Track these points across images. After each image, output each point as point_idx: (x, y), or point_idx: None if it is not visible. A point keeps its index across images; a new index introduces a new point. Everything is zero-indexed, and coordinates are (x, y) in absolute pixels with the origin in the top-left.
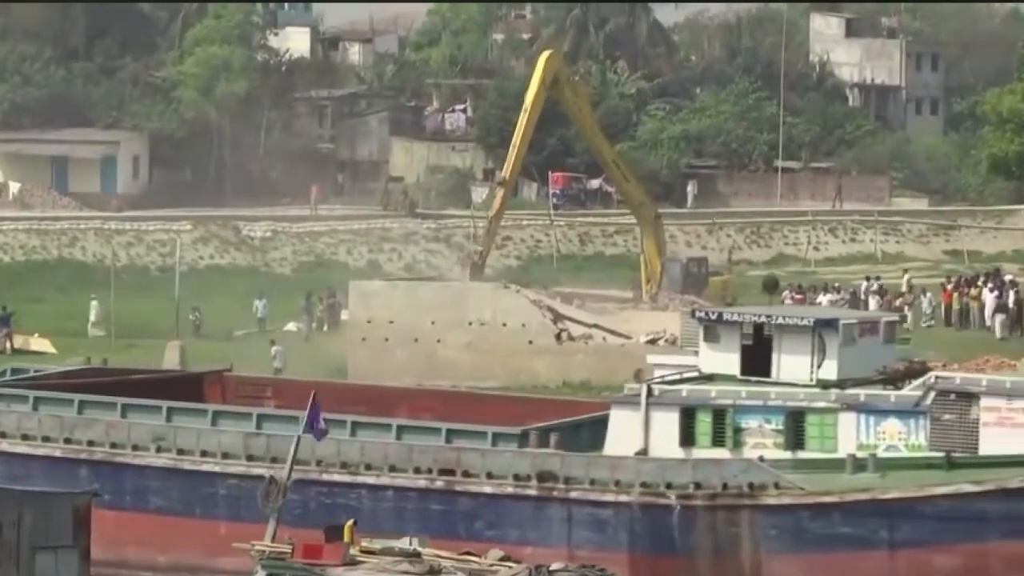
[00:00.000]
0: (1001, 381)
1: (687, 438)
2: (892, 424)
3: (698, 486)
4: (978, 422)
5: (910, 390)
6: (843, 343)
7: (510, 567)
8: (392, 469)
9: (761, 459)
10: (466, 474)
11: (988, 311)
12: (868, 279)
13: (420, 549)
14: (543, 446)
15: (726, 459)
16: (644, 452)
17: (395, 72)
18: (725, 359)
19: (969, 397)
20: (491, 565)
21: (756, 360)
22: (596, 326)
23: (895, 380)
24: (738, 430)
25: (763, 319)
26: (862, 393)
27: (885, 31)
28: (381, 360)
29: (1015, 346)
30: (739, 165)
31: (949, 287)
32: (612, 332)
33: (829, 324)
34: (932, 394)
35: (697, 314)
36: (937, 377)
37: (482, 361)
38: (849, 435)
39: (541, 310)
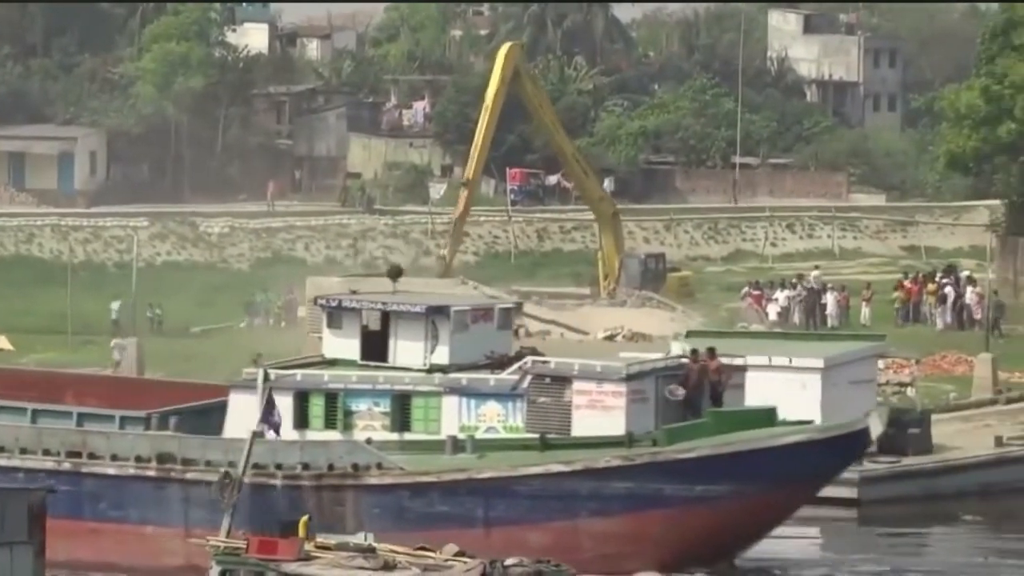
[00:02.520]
0: (592, 365)
1: (301, 421)
2: (492, 407)
3: (306, 467)
4: (571, 405)
5: (508, 374)
6: (455, 329)
7: (464, 562)
8: (23, 451)
9: (369, 441)
10: (92, 456)
11: (949, 306)
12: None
13: (375, 544)
14: (164, 429)
15: (333, 440)
16: (261, 435)
17: (353, 68)
18: (346, 345)
19: (563, 381)
20: (446, 560)
21: (375, 346)
22: (554, 322)
23: (503, 365)
24: (349, 413)
25: (379, 306)
26: (464, 377)
27: (843, 27)
28: None
29: (964, 341)
30: (697, 161)
31: (907, 283)
32: (570, 328)
33: (441, 311)
34: (528, 378)
35: (319, 301)
36: (533, 361)
37: None
38: (452, 417)
39: None
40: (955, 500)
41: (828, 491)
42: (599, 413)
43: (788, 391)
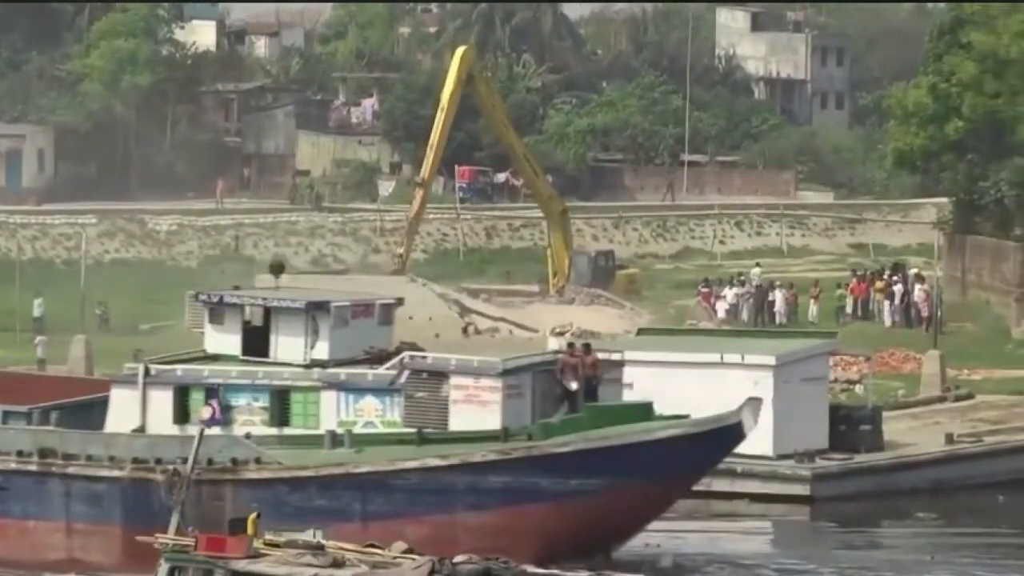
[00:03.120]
0: (469, 360)
1: (181, 415)
2: (370, 402)
3: (185, 461)
4: (448, 399)
5: (386, 369)
6: (335, 325)
7: (413, 559)
8: None
9: (248, 436)
10: None
11: (897, 303)
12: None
13: (323, 542)
14: (46, 424)
15: (212, 436)
16: (142, 429)
17: (301, 66)
18: (228, 340)
19: (439, 376)
20: (395, 557)
21: (256, 341)
22: (503, 319)
23: (382, 360)
24: (229, 408)
25: (260, 302)
26: (342, 372)
27: (791, 25)
28: None
29: (912, 338)
30: (645, 159)
31: (853, 281)
32: (519, 325)
33: (321, 307)
34: (406, 373)
35: (200, 297)
36: (411, 357)
37: None
38: (330, 412)
39: (448, 303)
40: (907, 497)
41: (781, 488)
42: (476, 408)
43: (740, 388)
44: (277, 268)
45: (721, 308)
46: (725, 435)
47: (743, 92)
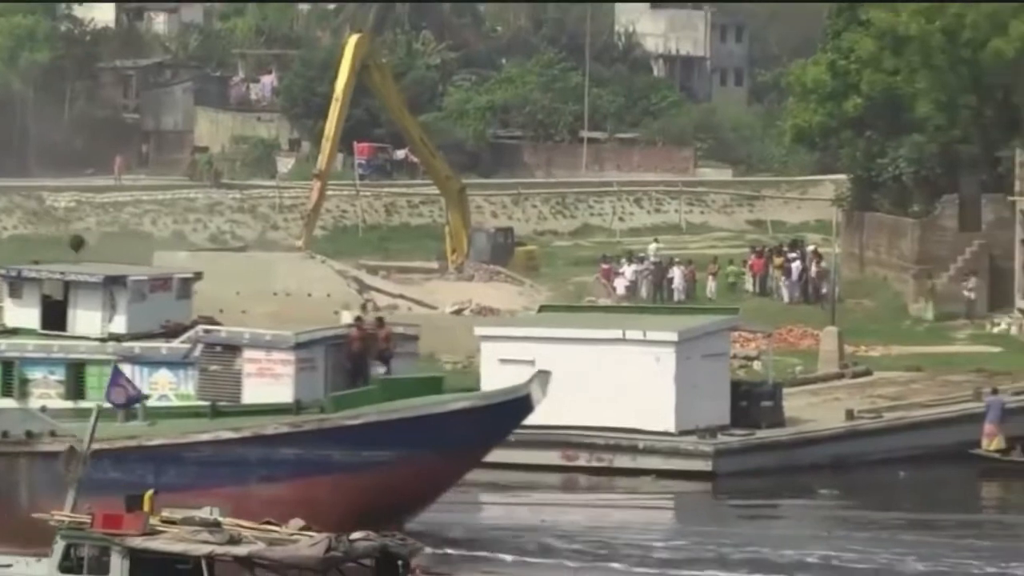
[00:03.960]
0: (262, 334)
1: None
2: (164, 375)
3: None
4: (241, 372)
5: (180, 342)
6: (132, 299)
7: (311, 536)
8: None
9: (43, 409)
10: None
11: (795, 280)
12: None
13: (220, 519)
14: None
15: (7, 408)
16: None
17: (200, 42)
18: (28, 314)
19: (233, 349)
20: (291, 534)
21: (55, 315)
22: (402, 296)
23: (176, 334)
24: (25, 381)
25: (59, 276)
26: (137, 346)
27: (690, 2)
28: None
29: (810, 315)
30: (545, 136)
31: (752, 258)
32: (418, 302)
33: (118, 281)
34: (200, 346)
35: (0, 271)
36: (204, 330)
37: None
38: None
39: (346, 280)
40: (808, 472)
41: (683, 464)
42: (268, 381)
43: (642, 365)
44: (76, 243)
45: (620, 285)
46: (514, 407)
47: (642, 69)
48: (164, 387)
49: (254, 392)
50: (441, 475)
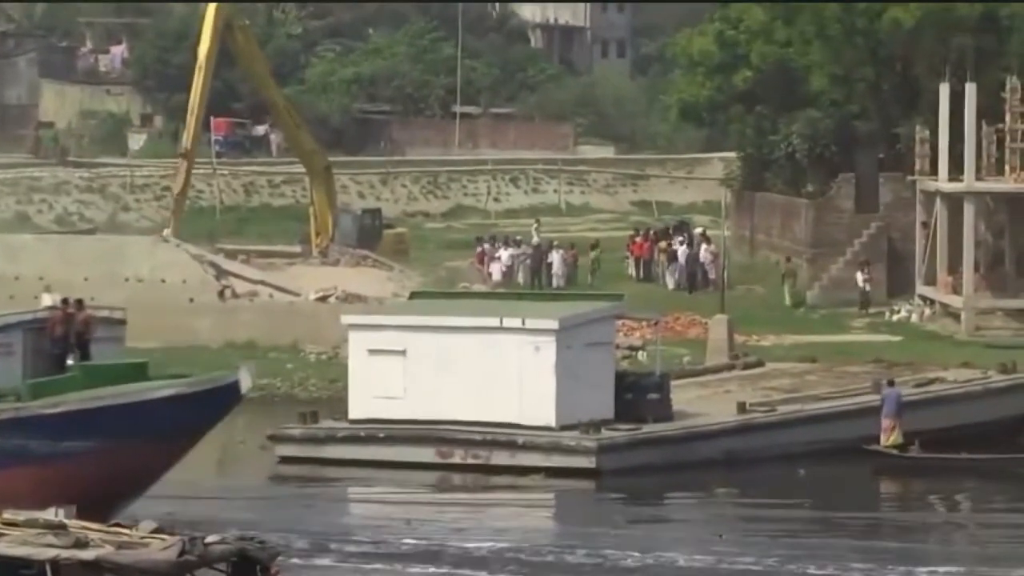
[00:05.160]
0: None
1: None
2: None
3: None
4: None
5: None
6: None
7: (163, 539)
8: None
9: None
10: None
11: (681, 264)
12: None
13: (66, 521)
14: None
15: None
16: None
17: (45, 10)
18: None
19: None
20: (142, 537)
21: None
22: (262, 282)
23: None
24: None
25: None
26: None
27: None
28: None
29: (697, 302)
30: (415, 110)
31: (639, 239)
32: (279, 289)
33: None
34: None
35: None
36: None
37: (138, 320)
38: None
39: (203, 265)
40: (699, 469)
41: (564, 461)
42: None
43: (520, 354)
44: None
45: (496, 270)
46: (221, 395)
47: (519, 40)
48: None
49: None
50: (148, 464)
